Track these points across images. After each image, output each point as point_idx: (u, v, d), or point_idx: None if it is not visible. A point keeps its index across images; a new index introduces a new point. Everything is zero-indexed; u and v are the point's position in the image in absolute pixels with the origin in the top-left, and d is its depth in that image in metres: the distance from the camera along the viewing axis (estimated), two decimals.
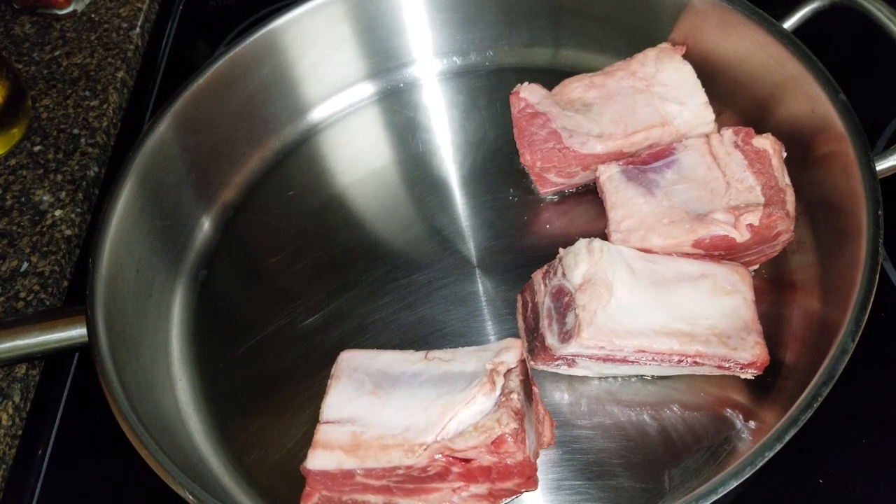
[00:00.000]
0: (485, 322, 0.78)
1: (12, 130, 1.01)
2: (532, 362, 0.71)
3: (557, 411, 0.71)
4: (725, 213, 0.70)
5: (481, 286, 0.80)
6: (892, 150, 0.70)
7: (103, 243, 0.75)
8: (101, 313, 0.70)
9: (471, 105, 0.95)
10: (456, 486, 0.63)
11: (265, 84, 0.92)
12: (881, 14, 0.75)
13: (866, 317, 0.61)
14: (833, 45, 0.81)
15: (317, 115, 0.97)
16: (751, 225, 0.69)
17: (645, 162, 0.76)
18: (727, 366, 0.66)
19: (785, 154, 0.74)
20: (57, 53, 1.12)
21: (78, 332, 0.71)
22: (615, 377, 0.72)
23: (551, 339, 0.68)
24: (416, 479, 0.63)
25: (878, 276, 0.62)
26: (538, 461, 0.65)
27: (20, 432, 0.82)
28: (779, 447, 0.57)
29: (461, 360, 0.67)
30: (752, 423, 0.68)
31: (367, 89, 0.98)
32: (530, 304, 0.72)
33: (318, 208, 0.89)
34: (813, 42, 0.76)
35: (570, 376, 0.72)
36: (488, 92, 0.96)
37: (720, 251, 0.71)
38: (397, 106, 0.97)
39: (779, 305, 0.74)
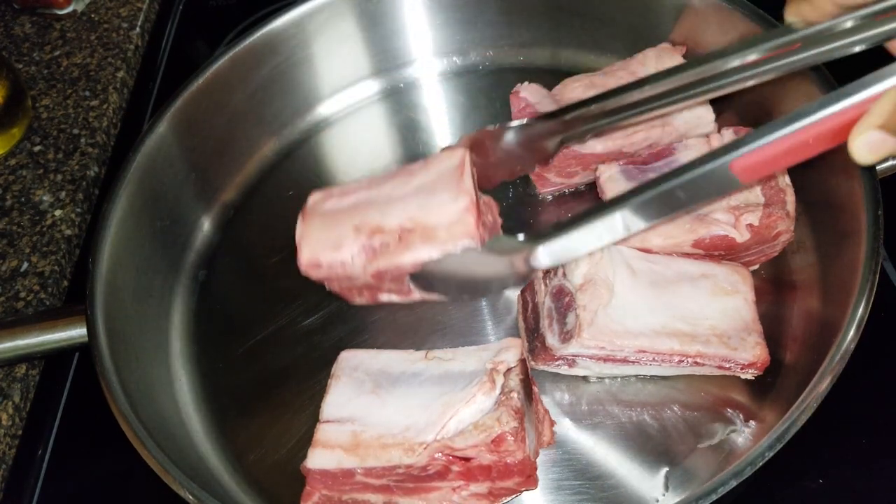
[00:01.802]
0: (485, 322, 0.78)
1: (12, 130, 1.01)
2: (532, 362, 0.71)
3: (558, 411, 0.71)
4: (725, 213, 0.70)
5: None
6: None
7: (103, 243, 0.75)
8: (101, 313, 0.70)
9: (471, 105, 0.95)
10: (456, 485, 0.63)
11: (265, 84, 0.92)
12: None
13: (866, 317, 0.61)
14: None
15: (316, 115, 0.97)
16: (751, 225, 0.69)
17: (645, 162, 0.76)
18: (727, 366, 0.66)
19: None
20: (57, 53, 1.12)
21: (78, 332, 0.70)
22: (615, 377, 0.72)
23: (552, 340, 0.68)
24: (416, 478, 0.63)
25: (877, 276, 0.62)
26: (538, 461, 0.65)
27: (20, 432, 0.82)
28: (779, 447, 0.57)
29: (461, 359, 0.67)
30: (752, 423, 0.68)
31: (367, 89, 0.98)
32: (531, 304, 0.72)
33: None
34: None
35: (570, 376, 0.72)
36: (488, 92, 0.96)
37: (720, 251, 0.71)
38: (397, 106, 0.97)
39: (779, 305, 0.74)
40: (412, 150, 0.93)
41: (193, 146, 0.87)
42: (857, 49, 0.58)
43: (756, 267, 0.76)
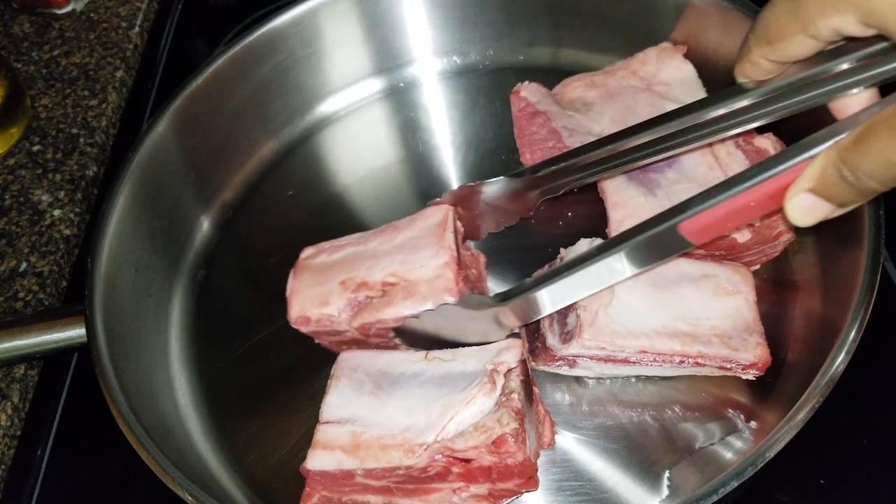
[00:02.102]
0: None
1: (11, 130, 1.01)
2: (533, 363, 0.71)
3: (558, 412, 0.71)
4: None
5: None
6: None
7: (102, 243, 0.75)
8: (100, 313, 0.70)
9: (471, 105, 0.95)
10: (456, 486, 0.63)
11: (264, 83, 0.92)
12: None
13: (867, 317, 0.61)
14: None
15: (316, 114, 0.97)
16: (752, 225, 0.69)
17: None
18: (729, 367, 0.66)
19: None
20: (56, 53, 1.12)
21: (77, 333, 0.70)
22: (616, 378, 0.71)
23: (552, 340, 0.68)
24: (416, 480, 0.63)
25: (879, 277, 0.62)
26: (538, 462, 0.65)
27: (19, 433, 0.82)
28: (780, 447, 0.57)
29: (461, 360, 0.67)
30: (753, 424, 0.67)
31: (367, 88, 0.98)
32: None
33: (317, 208, 0.89)
34: None
35: (571, 377, 0.72)
36: (488, 91, 0.96)
37: (721, 251, 0.71)
38: (397, 105, 0.97)
39: (780, 306, 0.74)
40: (412, 149, 0.93)
41: (193, 146, 0.87)
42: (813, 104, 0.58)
43: (757, 267, 0.76)
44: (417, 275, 0.67)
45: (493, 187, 0.77)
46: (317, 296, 0.70)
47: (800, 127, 0.75)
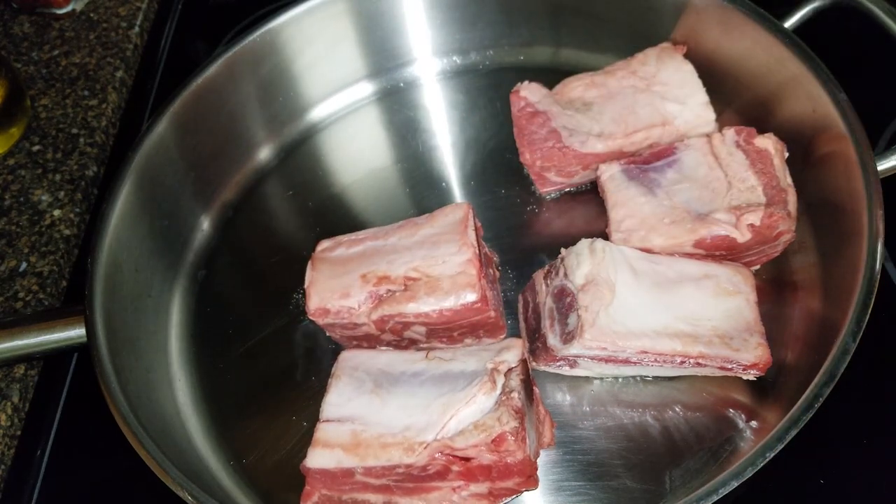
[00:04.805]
0: None
1: (11, 130, 1.01)
2: (533, 363, 0.71)
3: (559, 412, 0.71)
4: (727, 213, 0.70)
5: None
6: (893, 150, 0.70)
7: (102, 243, 0.75)
8: (100, 313, 0.70)
9: (471, 104, 0.95)
10: (456, 485, 0.63)
11: (264, 83, 0.92)
12: (882, 13, 0.75)
13: (867, 317, 0.61)
14: (834, 45, 0.80)
15: (316, 114, 0.97)
16: (752, 225, 0.69)
17: (646, 161, 0.76)
18: (730, 367, 0.66)
19: (787, 154, 0.74)
20: (56, 53, 1.12)
21: (76, 333, 0.70)
22: (617, 378, 0.71)
23: (553, 340, 0.67)
24: (416, 478, 0.63)
25: (878, 277, 0.62)
26: (539, 461, 0.65)
27: (19, 433, 0.82)
28: (780, 447, 0.57)
29: (462, 359, 0.67)
30: (753, 423, 0.67)
31: (367, 88, 0.98)
32: (531, 305, 0.72)
33: (317, 208, 0.89)
34: (814, 42, 0.76)
35: (571, 377, 0.72)
36: (488, 91, 0.96)
37: (721, 251, 0.71)
38: (397, 105, 0.97)
39: (780, 306, 0.74)
40: (412, 149, 0.93)
41: (193, 145, 0.87)
42: None
43: (757, 267, 0.76)
44: (440, 270, 0.68)
45: None
46: (337, 288, 0.70)
47: (790, 124, 0.76)
